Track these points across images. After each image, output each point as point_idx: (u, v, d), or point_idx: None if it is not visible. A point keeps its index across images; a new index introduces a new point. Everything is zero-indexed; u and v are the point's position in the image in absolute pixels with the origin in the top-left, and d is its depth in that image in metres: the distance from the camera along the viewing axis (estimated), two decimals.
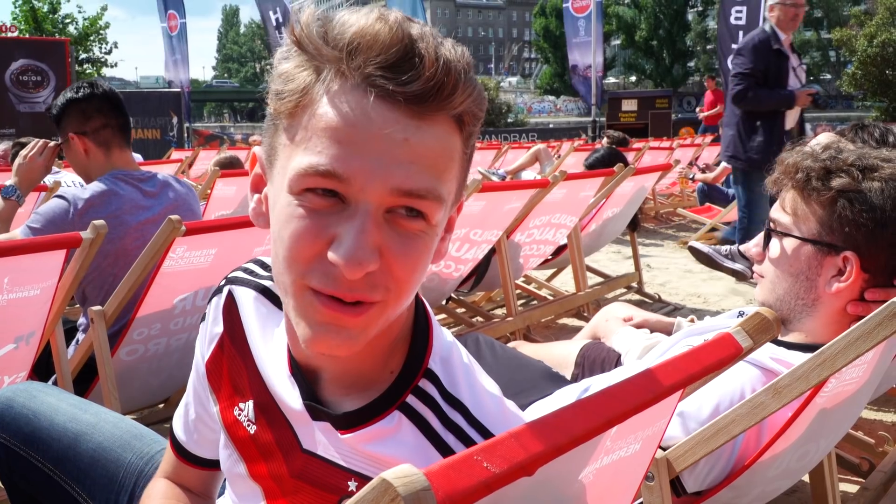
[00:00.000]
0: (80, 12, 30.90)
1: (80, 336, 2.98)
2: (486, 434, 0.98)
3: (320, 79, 0.87)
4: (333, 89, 0.86)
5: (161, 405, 3.31)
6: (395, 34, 0.84)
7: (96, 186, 2.89)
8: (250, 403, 1.14)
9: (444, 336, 1.08)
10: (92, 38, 30.51)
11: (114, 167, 3.01)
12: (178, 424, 1.36)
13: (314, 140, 0.86)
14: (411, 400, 1.01)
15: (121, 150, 3.06)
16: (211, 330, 1.24)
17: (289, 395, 1.08)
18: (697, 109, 19.75)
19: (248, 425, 1.14)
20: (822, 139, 2.80)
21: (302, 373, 1.06)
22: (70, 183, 5.13)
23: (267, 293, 1.17)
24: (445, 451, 0.98)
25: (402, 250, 0.88)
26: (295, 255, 0.88)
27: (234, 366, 1.19)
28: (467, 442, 0.98)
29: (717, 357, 1.09)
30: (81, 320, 3.02)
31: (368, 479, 0.98)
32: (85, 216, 2.73)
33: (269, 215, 0.96)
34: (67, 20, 30.20)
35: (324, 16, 0.88)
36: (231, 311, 1.20)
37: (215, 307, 1.24)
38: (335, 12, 0.88)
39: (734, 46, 18.58)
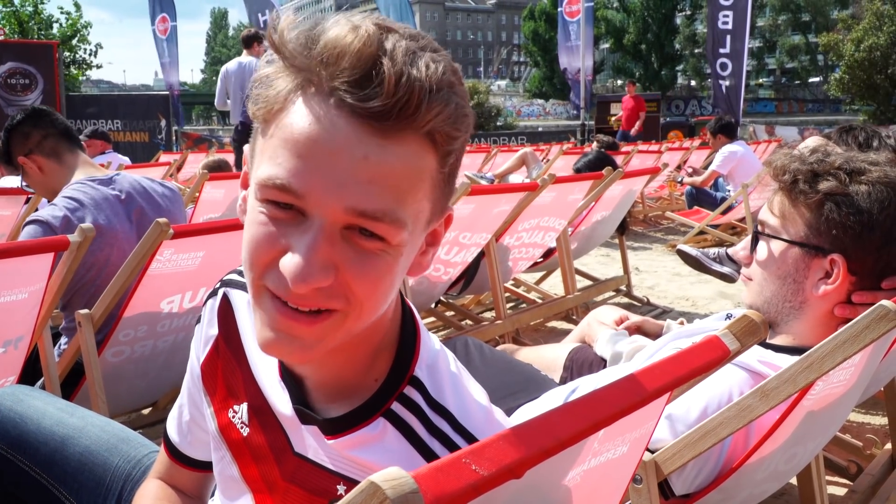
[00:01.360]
0: (62, 12, 30.80)
1: (62, 343, 2.98)
2: (472, 441, 0.98)
3: (292, 87, 0.87)
4: (301, 100, 0.86)
5: (146, 410, 3.30)
6: (362, 47, 0.82)
7: (66, 202, 2.87)
8: (244, 406, 1.14)
9: (431, 343, 1.08)
10: (76, 39, 30.46)
11: (72, 171, 3.03)
12: (171, 426, 1.36)
13: (277, 150, 0.86)
14: (396, 407, 1.01)
15: (72, 154, 3.08)
16: (206, 332, 1.23)
17: (279, 399, 1.08)
18: (614, 118, 19.61)
19: (242, 427, 1.14)
20: (810, 143, 2.81)
21: (291, 377, 1.07)
22: None
23: None
24: (431, 457, 0.97)
25: (359, 268, 0.87)
26: (253, 259, 0.89)
27: (228, 368, 1.18)
28: (453, 449, 0.98)
29: (705, 360, 1.10)
30: (62, 324, 3.02)
31: (356, 483, 0.99)
32: (66, 232, 2.70)
33: None
34: (53, 20, 30.16)
35: (306, 22, 0.87)
36: (226, 314, 1.21)
37: (210, 309, 1.23)
38: (319, 17, 0.87)
39: (721, 51, 18.74)
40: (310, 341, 0.90)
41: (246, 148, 1.00)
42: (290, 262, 0.85)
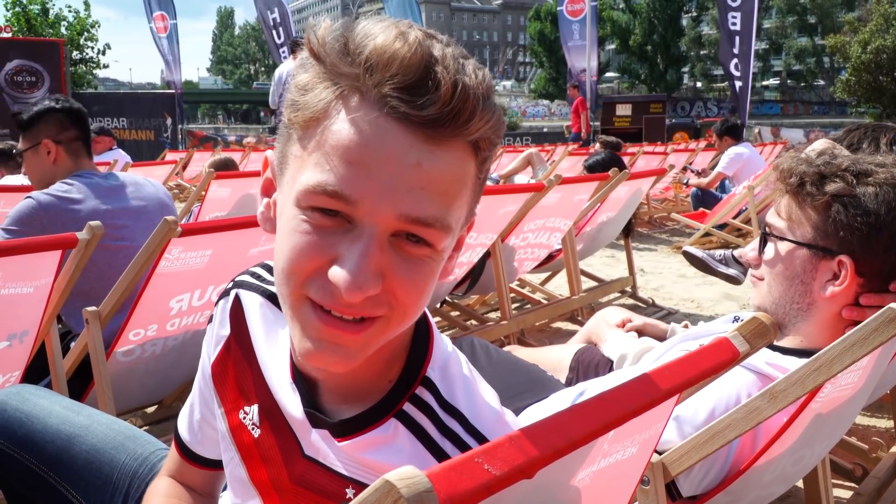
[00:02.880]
0: (69, 10, 30.78)
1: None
2: (484, 442, 0.97)
3: (336, 94, 0.86)
4: (348, 106, 0.84)
5: (152, 408, 3.30)
6: (413, 54, 0.82)
7: (60, 185, 3.03)
8: (255, 407, 1.14)
9: (444, 345, 1.08)
10: (83, 37, 30.48)
11: (77, 171, 3.17)
12: (182, 424, 1.36)
13: (325, 157, 0.85)
14: (408, 408, 1.01)
15: (87, 160, 3.24)
16: (218, 332, 1.23)
17: (290, 401, 1.08)
18: (566, 127, 20.01)
19: (253, 429, 1.14)
20: (817, 145, 2.81)
21: (303, 380, 1.06)
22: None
23: (273, 299, 1.16)
24: (443, 458, 0.97)
25: (406, 274, 0.87)
26: (295, 269, 0.87)
27: (239, 369, 1.18)
28: (465, 449, 0.97)
29: (714, 361, 1.10)
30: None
31: (365, 486, 0.98)
32: (50, 209, 2.90)
33: (276, 221, 0.95)
34: (61, 19, 30.17)
35: (344, 27, 0.86)
36: (238, 315, 1.20)
37: (222, 310, 1.23)
38: (356, 23, 0.87)
39: (734, 51, 18.73)
40: (354, 349, 0.89)
41: (269, 154, 0.98)
42: (342, 271, 0.84)
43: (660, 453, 1.45)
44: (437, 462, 0.96)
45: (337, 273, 0.84)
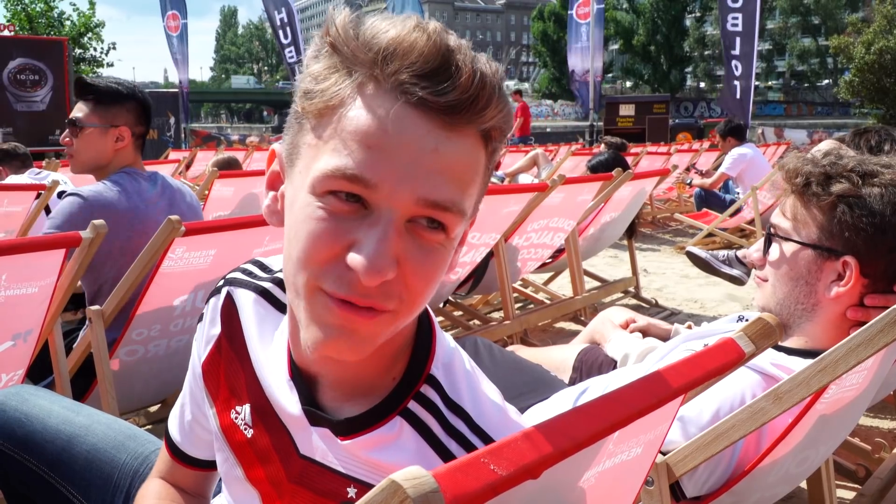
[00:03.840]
0: (74, 10, 30.75)
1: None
2: (488, 441, 0.98)
3: (352, 82, 0.86)
4: (364, 94, 0.85)
5: (154, 407, 3.30)
6: (433, 43, 0.83)
7: (110, 184, 2.94)
8: (247, 407, 1.13)
9: (446, 342, 1.07)
10: (87, 37, 30.46)
11: (126, 165, 3.08)
12: (173, 425, 1.35)
13: (342, 142, 0.85)
14: (413, 406, 1.00)
15: (140, 159, 3.16)
16: (208, 331, 1.22)
17: (287, 399, 1.07)
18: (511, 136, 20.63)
19: (245, 429, 1.13)
20: (823, 146, 2.81)
21: (302, 377, 1.05)
22: (64, 181, 5.10)
23: (266, 295, 1.16)
24: (448, 457, 0.97)
25: (420, 262, 0.87)
26: (311, 257, 0.87)
27: (231, 368, 1.17)
28: (470, 449, 0.97)
29: (720, 362, 1.09)
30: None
31: (368, 485, 0.98)
32: (98, 210, 2.77)
33: (283, 214, 0.95)
34: (65, 17, 30.15)
35: (360, 19, 0.87)
36: (230, 313, 1.19)
37: (213, 308, 1.22)
38: (369, 17, 0.88)
39: (733, 52, 18.71)
40: (366, 335, 0.89)
41: (277, 146, 0.98)
42: (361, 254, 0.84)
43: (664, 454, 1.45)
44: (442, 461, 0.96)
45: (355, 258, 0.84)
